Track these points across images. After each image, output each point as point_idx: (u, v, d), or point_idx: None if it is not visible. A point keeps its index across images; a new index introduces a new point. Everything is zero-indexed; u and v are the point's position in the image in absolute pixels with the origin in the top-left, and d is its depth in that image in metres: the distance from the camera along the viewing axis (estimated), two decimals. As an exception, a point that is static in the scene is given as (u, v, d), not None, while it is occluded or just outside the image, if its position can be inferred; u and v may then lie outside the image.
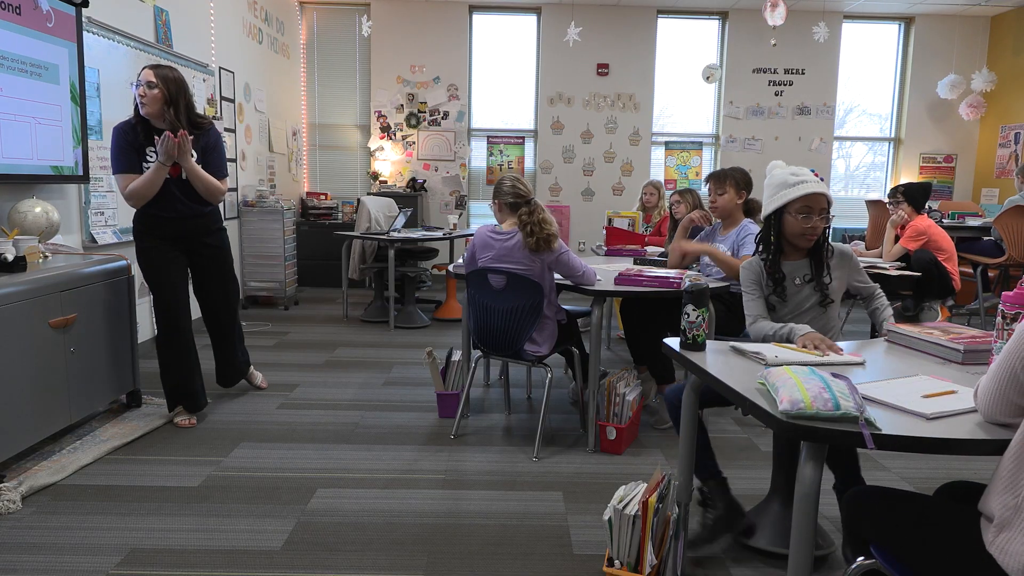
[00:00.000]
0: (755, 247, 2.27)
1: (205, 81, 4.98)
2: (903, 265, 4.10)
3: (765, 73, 7.50)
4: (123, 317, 3.15)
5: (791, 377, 1.38)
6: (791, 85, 7.52)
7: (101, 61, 3.77)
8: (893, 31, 7.62)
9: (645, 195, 5.24)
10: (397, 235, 5.22)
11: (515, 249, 2.82)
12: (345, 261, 5.62)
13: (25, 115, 3.04)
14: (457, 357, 3.34)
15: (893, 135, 7.78)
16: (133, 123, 2.94)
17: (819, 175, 2.18)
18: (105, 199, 3.87)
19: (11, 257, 2.57)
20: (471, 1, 7.33)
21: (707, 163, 7.70)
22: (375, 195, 6.66)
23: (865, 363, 1.72)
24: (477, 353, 3.12)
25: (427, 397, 3.58)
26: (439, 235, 5.50)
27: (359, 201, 5.96)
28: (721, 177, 3.19)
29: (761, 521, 2.17)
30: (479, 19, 7.50)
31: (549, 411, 3.39)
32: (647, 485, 2.01)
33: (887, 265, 4.05)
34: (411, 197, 7.08)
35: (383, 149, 7.47)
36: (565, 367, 3.90)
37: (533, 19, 7.46)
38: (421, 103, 7.47)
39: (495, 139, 7.62)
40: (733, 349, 1.81)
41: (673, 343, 1.87)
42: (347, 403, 3.49)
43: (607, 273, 3.23)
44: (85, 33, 3.50)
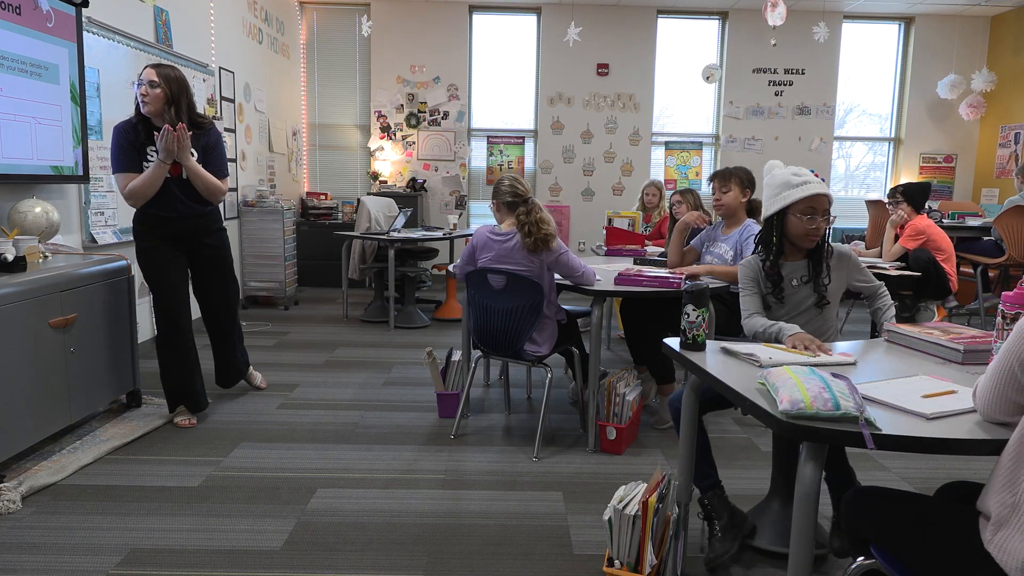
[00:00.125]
0: (754, 248, 2.26)
1: (205, 81, 4.98)
2: (903, 265, 4.10)
3: (765, 73, 7.50)
4: (123, 317, 3.15)
5: (791, 377, 1.38)
6: (791, 85, 7.52)
7: (101, 61, 3.77)
8: (893, 31, 7.62)
9: (647, 195, 5.24)
10: (397, 235, 5.22)
11: (514, 250, 2.82)
12: (345, 261, 5.62)
13: (25, 115, 3.04)
14: (457, 357, 3.35)
15: (893, 135, 7.78)
16: (134, 122, 2.94)
17: (819, 175, 2.17)
18: (105, 199, 3.87)
19: (11, 257, 2.57)
20: (471, 1, 7.34)
21: (707, 163, 7.70)
22: (375, 195, 6.66)
23: (857, 363, 1.72)
24: (477, 353, 3.12)
25: (427, 397, 3.58)
26: (439, 235, 5.50)
27: (359, 201, 5.96)
28: (726, 175, 3.17)
29: (761, 521, 2.17)
30: (479, 19, 7.50)
31: (549, 411, 3.39)
32: (647, 485, 2.01)
33: (887, 265, 4.05)
34: (411, 197, 7.08)
35: (383, 149, 7.47)
36: (565, 367, 3.90)
37: (533, 19, 7.46)
38: (421, 103, 7.47)
39: (495, 139, 7.62)
40: (724, 351, 1.80)
41: (673, 343, 1.87)
42: (347, 403, 3.49)
43: (607, 273, 3.23)
44: (85, 33, 3.50)
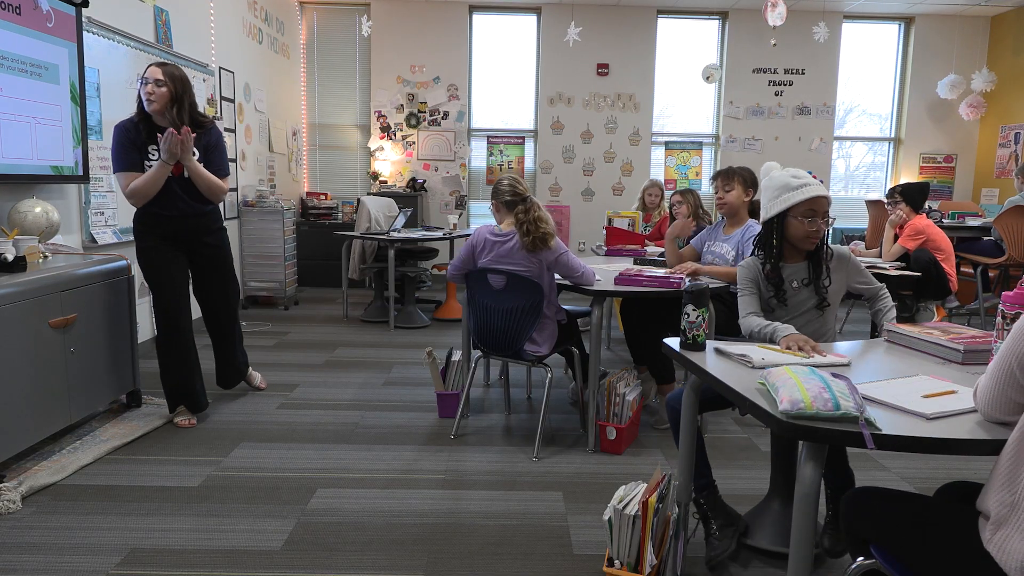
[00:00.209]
0: (753, 250, 2.25)
1: (205, 81, 4.98)
2: (903, 265, 4.10)
3: (765, 73, 7.50)
4: (123, 317, 3.15)
5: (791, 377, 1.38)
6: (791, 85, 7.52)
7: (101, 61, 3.77)
8: (893, 31, 7.62)
9: (649, 195, 5.23)
10: (397, 235, 5.22)
11: (514, 250, 2.82)
12: (345, 261, 5.62)
13: (25, 115, 3.04)
14: (457, 357, 3.35)
15: (893, 135, 7.78)
16: (135, 121, 2.94)
17: (816, 176, 2.16)
18: (105, 199, 3.87)
19: (11, 257, 2.57)
20: (471, 1, 7.34)
21: (707, 163, 7.70)
22: (375, 195, 6.66)
23: (850, 364, 1.71)
24: (477, 353, 3.12)
25: (427, 397, 3.58)
26: (439, 235, 5.50)
27: (359, 201, 5.96)
28: (729, 174, 3.17)
29: (762, 521, 2.17)
30: (479, 19, 7.50)
31: (549, 411, 3.39)
32: (647, 485, 2.01)
33: (887, 265, 4.05)
34: (411, 197, 7.08)
35: (383, 149, 7.47)
36: (565, 367, 3.90)
37: (533, 19, 7.46)
38: (421, 103, 7.47)
39: (495, 139, 7.62)
40: (717, 351, 1.79)
41: (673, 343, 1.87)
42: (347, 403, 3.49)
43: (607, 273, 3.23)
44: (85, 33, 3.50)
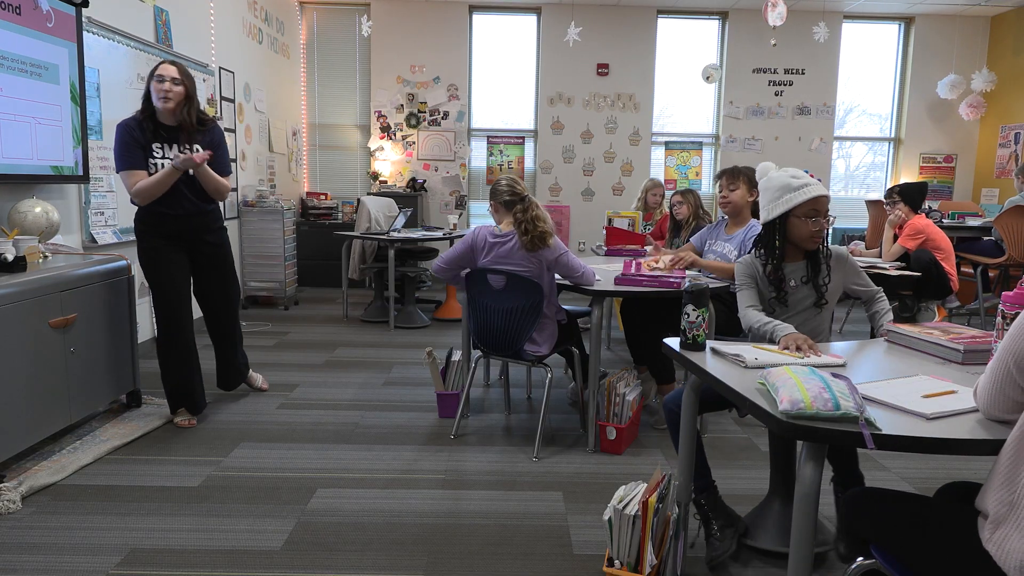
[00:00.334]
0: (753, 249, 2.25)
1: (205, 81, 4.98)
2: (903, 265, 4.10)
3: (765, 73, 7.50)
4: (123, 317, 3.15)
5: (791, 377, 1.38)
6: (791, 85, 7.52)
7: (101, 61, 3.77)
8: (893, 31, 7.62)
9: (652, 195, 5.21)
10: (397, 235, 5.22)
11: (514, 250, 2.82)
12: (345, 261, 5.62)
13: (25, 115, 3.04)
14: (457, 357, 3.34)
15: (893, 135, 7.78)
16: (139, 119, 2.91)
17: (813, 175, 2.16)
18: (105, 199, 3.87)
19: (11, 257, 2.57)
20: (471, 1, 7.34)
21: (707, 163, 7.70)
22: (375, 195, 6.66)
23: (846, 364, 1.70)
24: (477, 353, 3.12)
25: (427, 397, 3.58)
26: (439, 235, 5.50)
27: (359, 201, 5.96)
28: (734, 173, 3.16)
29: (763, 521, 2.17)
30: (479, 19, 7.50)
31: (549, 411, 3.39)
32: (647, 485, 2.01)
33: (887, 265, 4.05)
34: (411, 197, 7.08)
35: (383, 149, 7.47)
36: (565, 367, 3.90)
37: (533, 19, 7.46)
38: (421, 103, 7.47)
39: (495, 139, 7.62)
40: (712, 351, 1.79)
41: (673, 343, 1.87)
42: (347, 403, 3.49)
43: (607, 273, 3.23)
44: (85, 33, 3.50)
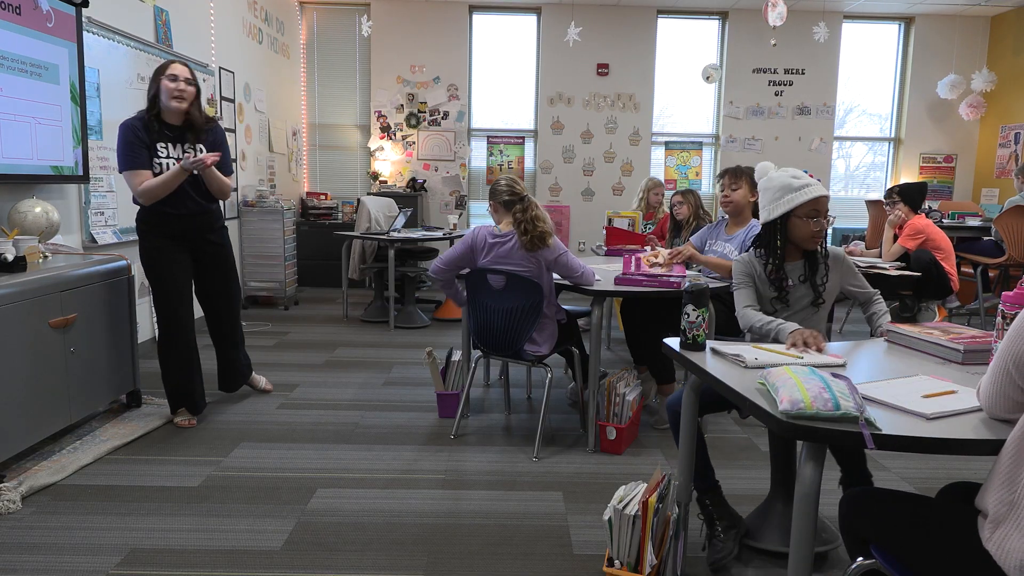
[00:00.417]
0: (752, 248, 2.25)
1: (205, 81, 4.98)
2: (903, 265, 4.10)
3: (765, 73, 7.50)
4: (123, 317, 3.15)
5: (791, 377, 1.38)
6: (791, 85, 7.52)
7: (101, 61, 3.77)
8: (893, 31, 7.62)
9: (654, 195, 5.20)
10: (397, 235, 5.22)
11: (514, 250, 2.82)
12: (345, 261, 5.62)
13: (25, 115, 3.04)
14: (457, 357, 3.34)
15: (893, 135, 7.78)
16: (145, 119, 2.90)
17: (812, 175, 2.16)
18: (105, 199, 3.87)
19: (11, 257, 2.56)
20: (471, 1, 7.34)
21: (707, 163, 7.70)
22: (375, 195, 6.66)
23: (846, 364, 1.70)
24: (477, 353, 3.12)
25: (427, 397, 3.58)
26: (439, 235, 5.50)
27: (359, 201, 5.96)
28: (737, 172, 3.15)
29: (764, 521, 2.17)
30: (479, 19, 7.50)
31: (549, 411, 3.39)
32: (647, 485, 2.01)
33: (887, 265, 4.05)
34: (411, 197, 7.08)
35: (383, 149, 7.47)
36: (565, 367, 3.90)
37: (533, 19, 7.46)
38: (421, 103, 7.47)
39: (495, 139, 7.62)
40: (712, 351, 1.79)
41: (673, 343, 1.87)
42: (347, 403, 3.49)
43: (607, 273, 3.22)
44: (85, 33, 3.50)
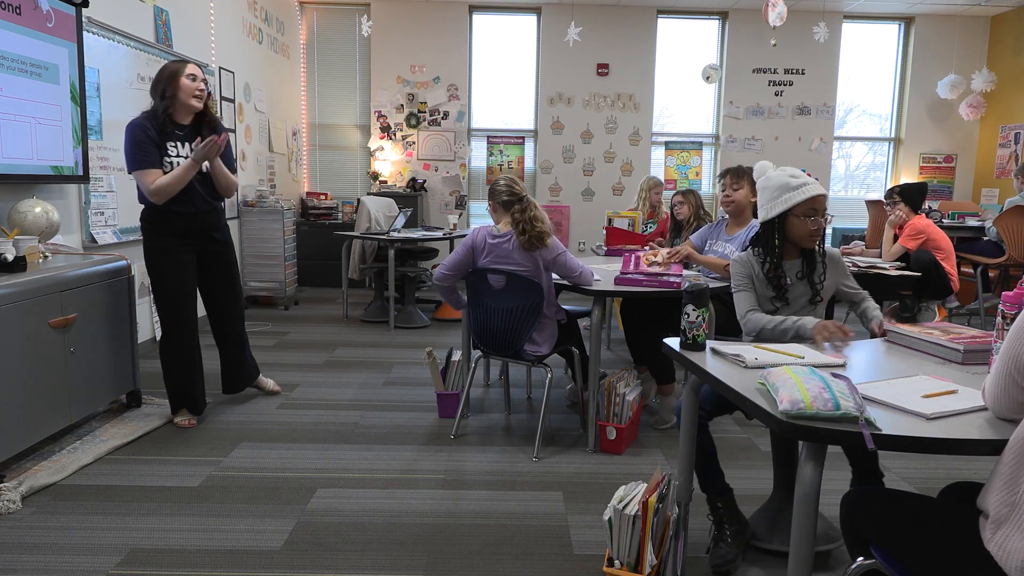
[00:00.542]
0: (749, 247, 2.25)
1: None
2: (903, 265, 4.10)
3: (765, 73, 7.50)
4: (123, 317, 3.15)
5: (791, 377, 1.38)
6: (791, 85, 7.52)
7: (101, 61, 3.77)
8: (893, 31, 7.62)
9: (655, 194, 5.19)
10: (397, 235, 5.22)
11: (513, 250, 2.82)
12: (345, 261, 5.62)
13: (25, 115, 3.04)
14: (457, 357, 3.35)
15: (893, 135, 7.78)
16: (160, 119, 2.90)
17: (811, 174, 2.16)
18: (105, 199, 3.87)
19: (11, 257, 2.56)
20: (471, 1, 7.34)
21: (707, 163, 7.70)
22: (375, 195, 6.66)
23: (846, 364, 1.70)
24: (477, 353, 3.12)
25: (427, 397, 3.58)
26: (439, 235, 5.50)
27: (359, 201, 5.96)
28: (739, 172, 3.14)
29: (768, 522, 2.16)
30: (479, 19, 7.50)
31: (549, 411, 3.39)
32: (647, 485, 2.01)
33: (887, 265, 4.05)
34: (411, 197, 7.08)
35: (383, 149, 7.47)
36: (565, 367, 3.90)
37: (533, 19, 7.46)
38: (421, 103, 7.47)
39: (495, 139, 7.62)
40: (712, 351, 1.79)
41: (673, 343, 1.87)
42: (347, 403, 3.49)
43: (607, 273, 3.22)
44: (85, 33, 3.50)
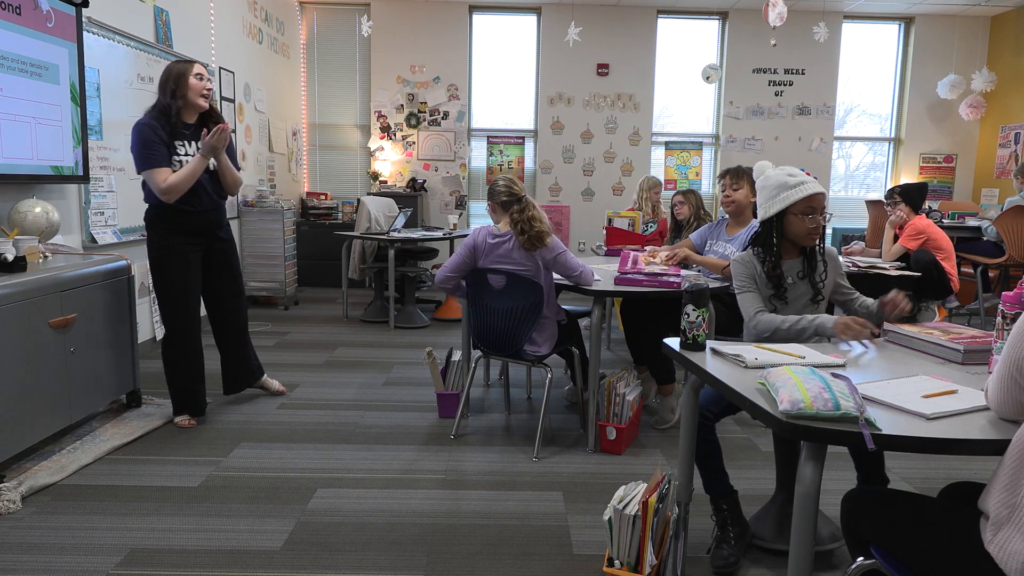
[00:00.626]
0: (749, 247, 2.25)
1: (205, 81, 4.98)
2: (903, 265, 4.10)
3: (765, 73, 7.50)
4: (123, 317, 3.15)
5: (791, 377, 1.38)
6: (791, 85, 7.52)
7: (101, 61, 3.77)
8: (893, 31, 7.62)
9: (654, 193, 5.19)
10: (397, 235, 5.22)
11: (513, 250, 2.83)
12: (345, 261, 5.62)
13: (25, 115, 3.04)
14: (457, 357, 3.35)
15: (893, 135, 7.78)
16: (171, 118, 2.91)
17: (810, 173, 2.17)
18: (105, 199, 3.87)
19: (11, 257, 2.56)
20: (471, 1, 7.34)
21: (707, 163, 7.70)
22: (375, 195, 6.66)
23: (846, 364, 1.70)
24: (477, 353, 3.12)
25: (427, 397, 3.58)
26: (439, 235, 5.50)
27: (359, 201, 5.96)
28: (739, 172, 3.15)
29: (771, 521, 2.16)
30: (479, 19, 7.50)
31: (549, 411, 3.39)
32: (647, 485, 2.01)
33: (887, 265, 4.05)
34: (411, 197, 7.08)
35: (383, 149, 7.47)
36: (565, 367, 3.90)
37: (533, 19, 7.46)
38: (421, 103, 7.47)
39: (495, 139, 7.62)
40: (713, 351, 1.79)
41: (673, 343, 1.87)
42: (347, 403, 3.49)
43: (607, 273, 3.23)
44: (85, 33, 3.50)
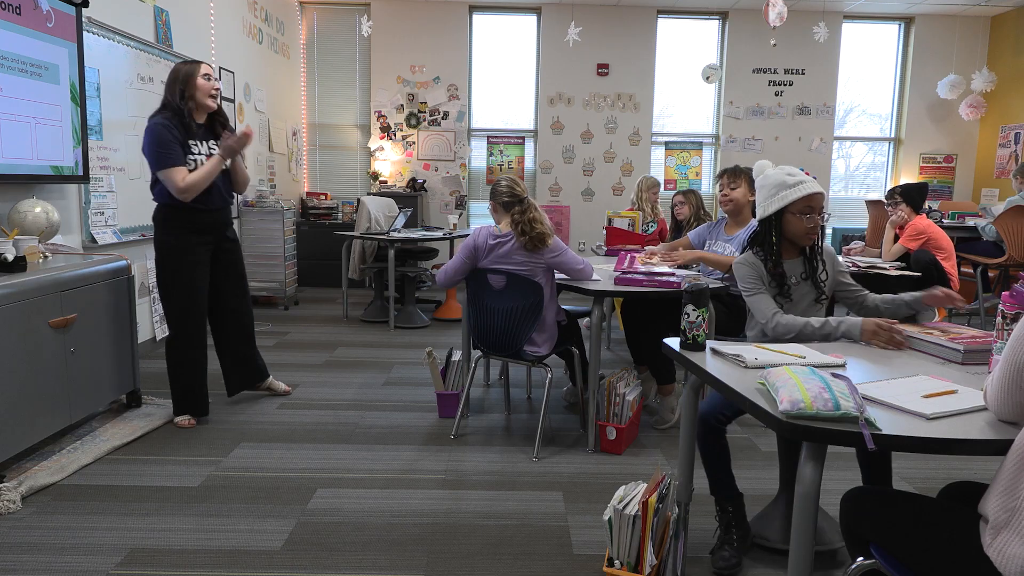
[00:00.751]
0: (749, 247, 2.25)
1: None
2: (903, 265, 4.10)
3: (765, 73, 7.50)
4: (123, 317, 3.15)
5: (791, 377, 1.38)
6: (791, 85, 7.52)
7: (101, 61, 3.77)
8: (893, 31, 7.62)
9: (653, 193, 5.19)
10: (397, 235, 5.22)
11: (514, 250, 2.83)
12: (345, 261, 5.62)
13: (25, 115, 3.04)
14: (457, 357, 3.35)
15: (893, 135, 7.78)
16: (184, 118, 2.92)
17: (809, 173, 2.17)
18: (105, 199, 3.87)
19: (11, 257, 2.56)
20: (471, 1, 7.34)
21: (707, 163, 7.71)
22: (375, 195, 6.66)
23: (846, 364, 1.69)
24: (477, 353, 3.12)
25: (427, 397, 3.58)
26: (439, 235, 5.50)
27: (359, 201, 5.96)
28: (736, 172, 3.18)
29: (774, 520, 2.16)
30: (479, 19, 7.50)
31: (549, 411, 3.39)
32: (647, 485, 2.01)
33: (887, 265, 4.05)
34: (411, 197, 7.08)
35: (383, 149, 7.48)
36: (565, 367, 3.90)
37: (533, 19, 7.46)
38: (421, 103, 7.47)
39: (495, 139, 7.62)
40: (713, 351, 1.79)
41: (673, 343, 1.87)
42: (347, 403, 3.49)
43: (607, 273, 3.22)
44: (85, 33, 3.50)
